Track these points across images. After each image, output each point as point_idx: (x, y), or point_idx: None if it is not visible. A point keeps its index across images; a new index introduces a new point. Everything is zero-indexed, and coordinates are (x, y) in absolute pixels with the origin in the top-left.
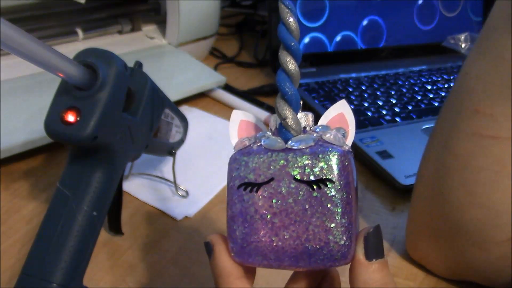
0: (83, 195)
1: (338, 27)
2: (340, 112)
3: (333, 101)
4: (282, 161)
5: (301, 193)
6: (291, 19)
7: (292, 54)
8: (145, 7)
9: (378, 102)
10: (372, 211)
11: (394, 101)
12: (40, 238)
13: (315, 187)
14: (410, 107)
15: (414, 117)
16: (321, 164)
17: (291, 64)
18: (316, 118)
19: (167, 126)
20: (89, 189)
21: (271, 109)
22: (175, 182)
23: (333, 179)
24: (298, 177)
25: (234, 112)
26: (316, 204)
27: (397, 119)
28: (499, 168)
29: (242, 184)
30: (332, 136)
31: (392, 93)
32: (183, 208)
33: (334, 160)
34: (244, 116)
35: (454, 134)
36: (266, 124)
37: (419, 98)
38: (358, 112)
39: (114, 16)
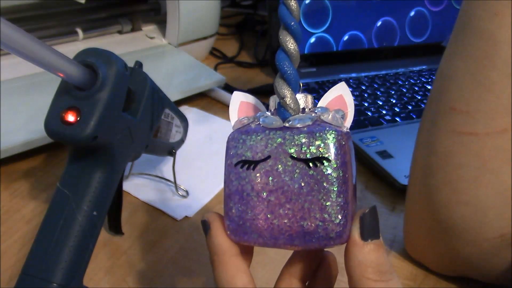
0: (83, 195)
1: (343, 28)
2: (340, 94)
3: None
4: (279, 139)
5: (297, 171)
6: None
7: (292, 34)
8: (145, 7)
9: (378, 102)
10: None
11: (394, 101)
12: (40, 238)
13: (311, 165)
14: (410, 107)
15: (414, 117)
16: (318, 142)
17: (290, 44)
18: None
19: (167, 126)
20: (89, 189)
21: None
22: (175, 182)
23: (330, 158)
24: (294, 155)
25: (235, 93)
26: (312, 182)
27: (397, 119)
28: (479, 164)
29: (240, 161)
30: (330, 117)
31: (392, 93)
32: (183, 208)
33: (331, 138)
34: (244, 97)
35: (434, 133)
36: None
37: (419, 98)
38: (358, 112)
39: (114, 16)
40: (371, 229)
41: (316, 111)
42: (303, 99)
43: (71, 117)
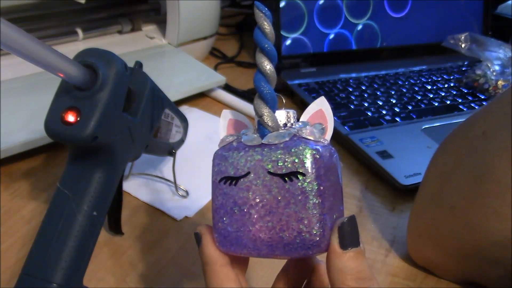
0: (83, 195)
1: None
2: (320, 109)
3: (333, 101)
4: (258, 156)
5: (275, 185)
6: (265, 23)
7: (267, 55)
8: (145, 7)
9: (378, 102)
10: (372, 211)
11: (394, 101)
12: (40, 238)
13: (287, 179)
14: (410, 107)
15: (414, 117)
16: (293, 158)
17: (266, 65)
18: None
19: (167, 126)
20: (89, 189)
21: None
22: (175, 182)
23: (304, 172)
24: (271, 170)
25: (224, 111)
26: (288, 195)
27: (397, 119)
28: None
29: (223, 178)
30: (308, 131)
31: (392, 93)
32: (183, 208)
33: (305, 154)
34: (232, 115)
35: (497, 161)
36: None
37: (419, 98)
38: (358, 112)
39: (114, 16)
40: (350, 238)
41: (296, 126)
42: (285, 115)
43: (71, 117)
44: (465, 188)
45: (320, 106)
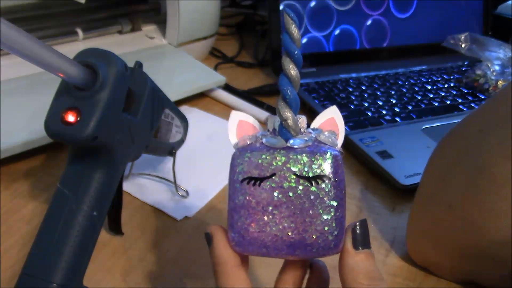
0: (83, 195)
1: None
2: (331, 117)
3: (333, 101)
4: (283, 158)
5: (301, 187)
6: (295, 29)
7: (295, 61)
8: (145, 7)
9: (378, 102)
10: (372, 211)
11: (394, 101)
12: (40, 238)
13: (313, 182)
14: (410, 107)
15: (414, 117)
16: (319, 162)
17: (292, 70)
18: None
19: (167, 126)
20: (89, 189)
21: (271, 109)
22: (175, 182)
23: (330, 176)
24: (298, 173)
25: (233, 112)
26: (314, 198)
27: (397, 119)
28: None
29: (246, 178)
30: (327, 138)
31: (392, 93)
32: (183, 208)
33: (330, 159)
34: (242, 117)
35: (492, 157)
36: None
37: (419, 98)
38: (358, 112)
39: (114, 16)
40: (362, 239)
41: (311, 132)
42: (299, 120)
43: (71, 117)
44: (462, 186)
45: (332, 115)
